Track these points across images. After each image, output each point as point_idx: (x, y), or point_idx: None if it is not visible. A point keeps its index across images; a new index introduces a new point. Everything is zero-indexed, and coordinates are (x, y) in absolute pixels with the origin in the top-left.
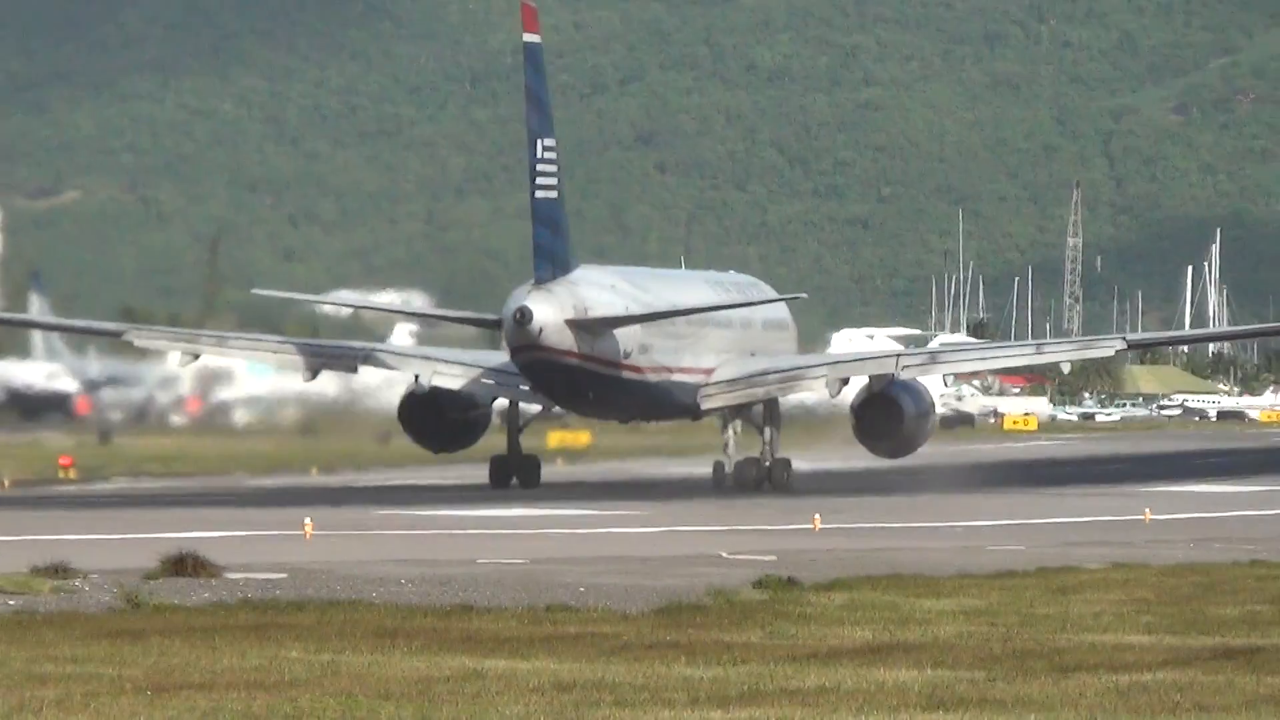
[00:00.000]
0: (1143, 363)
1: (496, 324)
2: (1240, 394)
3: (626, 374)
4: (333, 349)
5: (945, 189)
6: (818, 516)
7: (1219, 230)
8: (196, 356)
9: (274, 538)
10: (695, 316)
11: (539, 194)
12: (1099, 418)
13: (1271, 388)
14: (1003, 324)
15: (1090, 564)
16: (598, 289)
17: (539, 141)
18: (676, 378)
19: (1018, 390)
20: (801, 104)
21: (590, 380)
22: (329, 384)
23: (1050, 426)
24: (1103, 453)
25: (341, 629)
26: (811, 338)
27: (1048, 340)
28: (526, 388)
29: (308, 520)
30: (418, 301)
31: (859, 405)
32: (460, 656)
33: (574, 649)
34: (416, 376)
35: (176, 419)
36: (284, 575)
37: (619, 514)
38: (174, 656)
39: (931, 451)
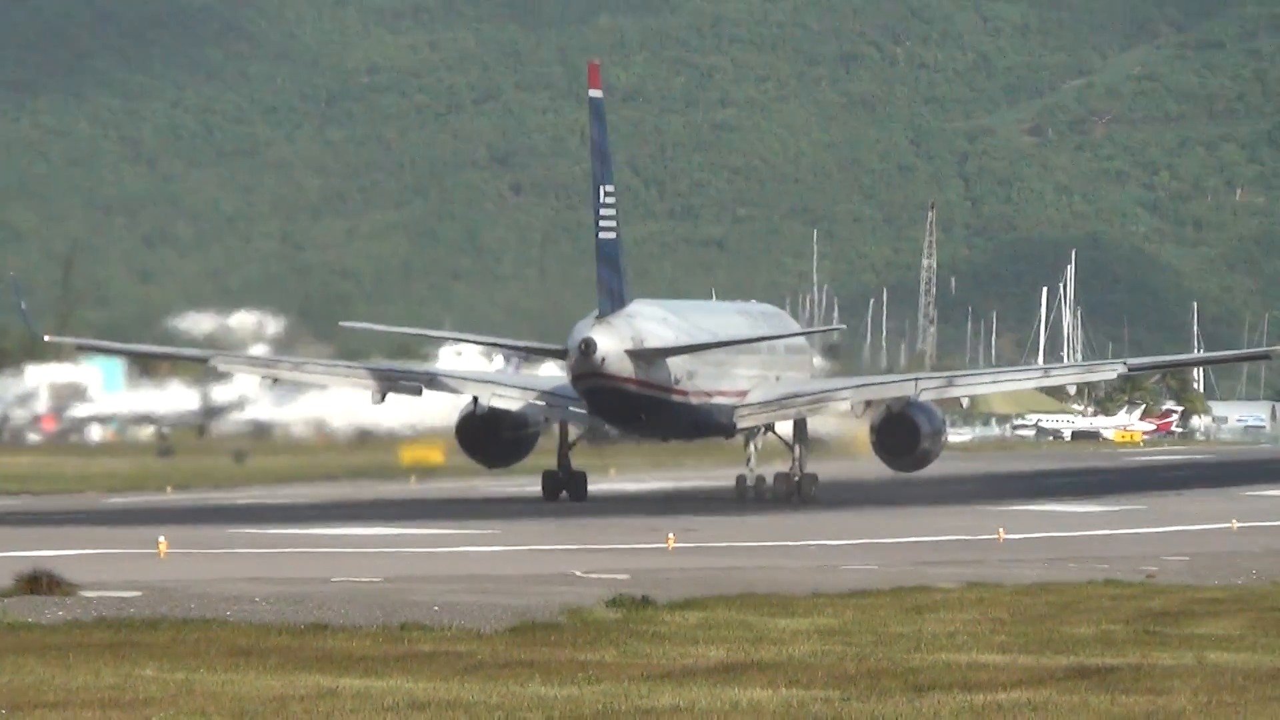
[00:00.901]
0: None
1: (562, 354)
2: (1094, 414)
3: (675, 398)
4: (400, 373)
5: (800, 210)
6: (671, 535)
7: (1074, 252)
8: (276, 380)
9: (129, 556)
10: (720, 338)
11: (602, 235)
12: (952, 438)
13: (1125, 408)
14: (857, 346)
15: (944, 583)
16: (652, 322)
17: (601, 188)
18: (715, 400)
19: None
20: (657, 125)
21: (645, 404)
22: (184, 401)
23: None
24: (956, 472)
25: (196, 647)
26: None
27: (1054, 365)
28: (576, 409)
29: (162, 539)
30: (271, 322)
31: (879, 424)
32: (315, 675)
33: (428, 668)
34: (475, 399)
35: (32, 436)
36: (139, 594)
37: (473, 533)
38: (28, 675)
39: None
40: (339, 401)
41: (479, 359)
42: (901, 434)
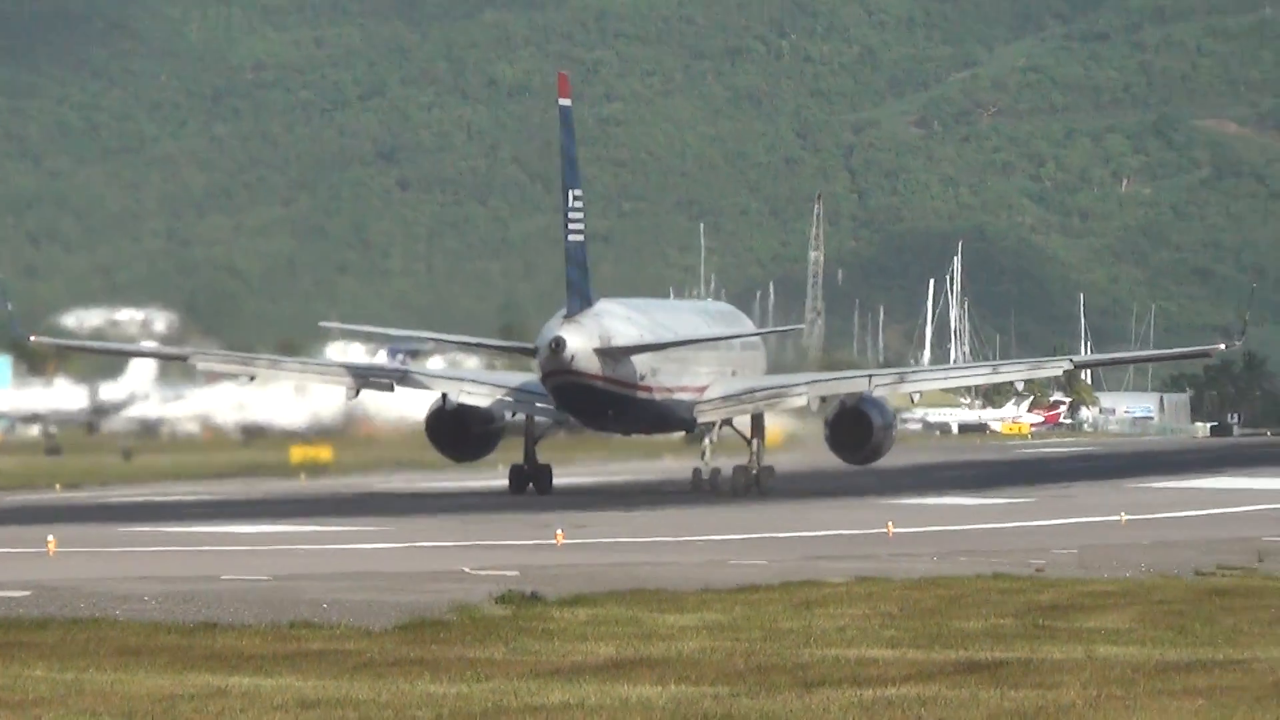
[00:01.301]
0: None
1: (532, 352)
2: (982, 407)
3: (640, 394)
4: (374, 370)
5: (687, 203)
6: (560, 531)
7: (960, 244)
8: (252, 378)
9: (17, 555)
10: (683, 336)
11: (571, 238)
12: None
13: (1014, 400)
14: None
15: (834, 578)
16: (618, 320)
17: (570, 192)
18: (677, 396)
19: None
20: (542, 120)
21: (611, 400)
22: (73, 399)
23: (793, 442)
24: (848, 467)
25: (85, 647)
26: None
27: (1002, 362)
28: (542, 404)
29: (51, 537)
30: (159, 317)
31: (833, 419)
32: (204, 674)
33: (318, 666)
34: (444, 395)
35: None
36: (27, 593)
37: (364, 530)
38: None
39: (674, 466)
40: (226, 398)
41: (363, 353)
42: (855, 428)
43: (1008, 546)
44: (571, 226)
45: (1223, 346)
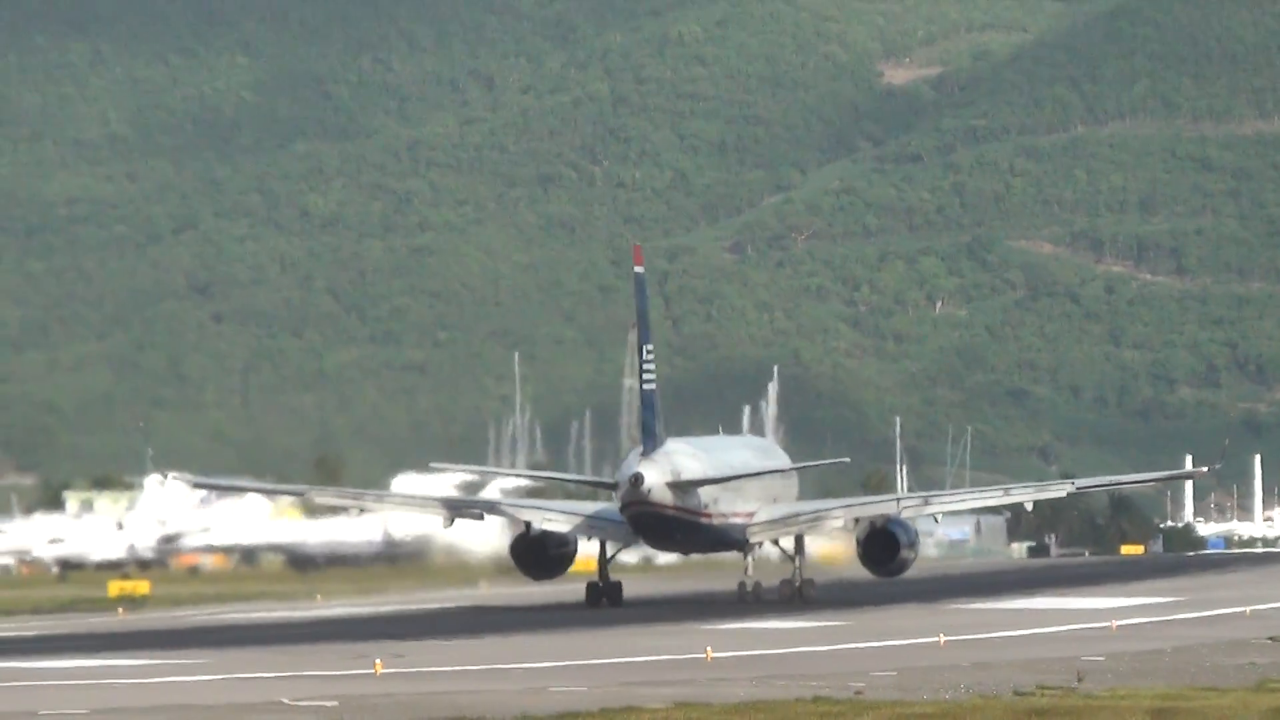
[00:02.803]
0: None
1: (613, 486)
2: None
3: (703, 520)
4: (466, 502)
5: (502, 333)
6: (378, 661)
7: (775, 369)
8: (362, 511)
9: None
10: (736, 470)
11: (645, 386)
12: (660, 560)
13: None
14: (563, 467)
15: (653, 703)
16: (686, 457)
17: (644, 347)
18: (732, 520)
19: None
20: (356, 250)
21: (680, 525)
22: None
23: (614, 567)
24: (662, 593)
25: None
26: (372, 483)
27: (1012, 485)
28: (613, 529)
29: None
30: None
31: (864, 538)
32: None
33: None
34: (528, 524)
35: None
36: None
37: (182, 662)
38: None
39: (493, 594)
40: (42, 533)
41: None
42: (883, 546)
43: (827, 670)
44: (645, 377)
45: (1204, 470)
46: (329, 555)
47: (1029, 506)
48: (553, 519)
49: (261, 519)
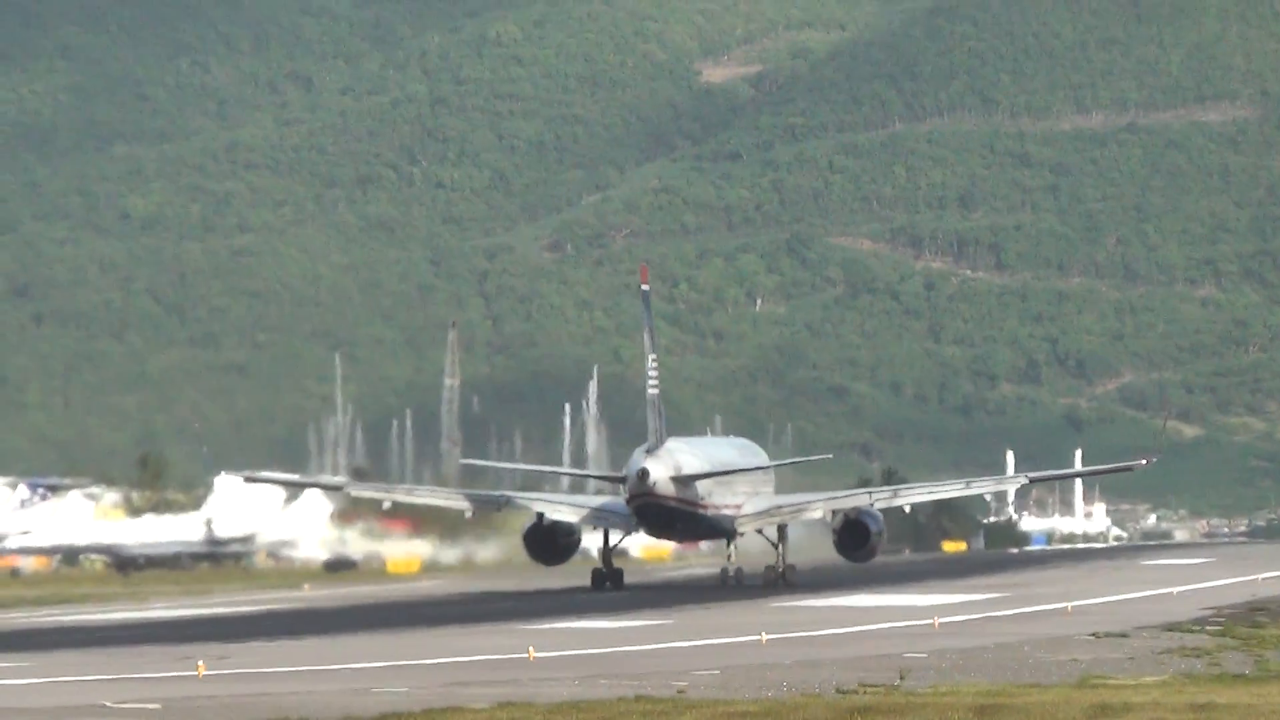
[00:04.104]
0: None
1: (621, 479)
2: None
3: (700, 510)
4: (484, 496)
5: (322, 333)
6: (201, 663)
7: (596, 367)
8: (395, 504)
9: None
10: (727, 466)
11: (650, 391)
12: (481, 557)
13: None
14: (384, 468)
15: (476, 704)
16: (685, 455)
17: (649, 357)
18: (724, 511)
19: (401, 533)
20: (175, 252)
21: (680, 516)
22: None
23: (434, 568)
24: (486, 591)
25: None
26: (192, 484)
27: (973, 479)
28: (617, 519)
29: None
30: None
31: (839, 527)
32: None
33: None
34: (540, 515)
35: None
36: None
37: (4, 665)
38: None
39: (316, 595)
40: None
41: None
42: (856, 534)
43: (649, 668)
44: (650, 383)
45: (1144, 462)
46: (151, 556)
47: (988, 497)
48: (561, 511)
49: (84, 520)
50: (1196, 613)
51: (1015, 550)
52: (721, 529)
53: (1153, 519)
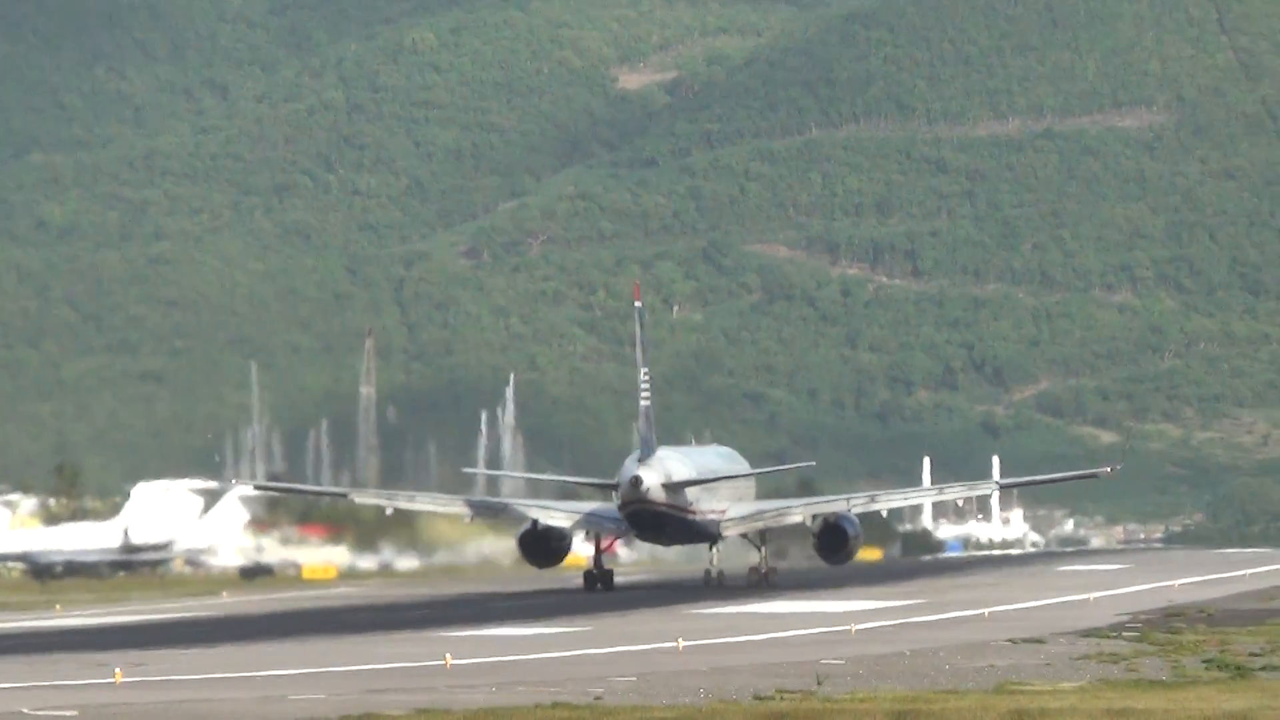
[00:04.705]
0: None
1: (614, 486)
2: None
3: (689, 516)
4: (485, 503)
5: (238, 341)
6: (119, 670)
7: (512, 375)
8: (394, 509)
9: None
10: (713, 473)
11: (643, 403)
12: (399, 566)
13: None
14: (301, 475)
15: (393, 710)
16: (675, 463)
17: (643, 370)
18: (709, 516)
19: (318, 540)
20: (92, 260)
21: (669, 521)
22: None
23: (350, 575)
24: (404, 599)
25: None
26: (109, 492)
27: (946, 485)
28: (608, 524)
29: None
30: None
31: (818, 531)
32: None
33: None
34: (535, 520)
35: None
36: None
37: None
38: None
39: (234, 601)
40: None
41: None
42: (835, 537)
43: (566, 675)
44: (643, 395)
45: (1109, 470)
46: (68, 564)
47: (960, 503)
48: (555, 517)
49: (0, 528)
50: (1113, 619)
51: (930, 557)
52: (708, 533)
53: (1070, 525)
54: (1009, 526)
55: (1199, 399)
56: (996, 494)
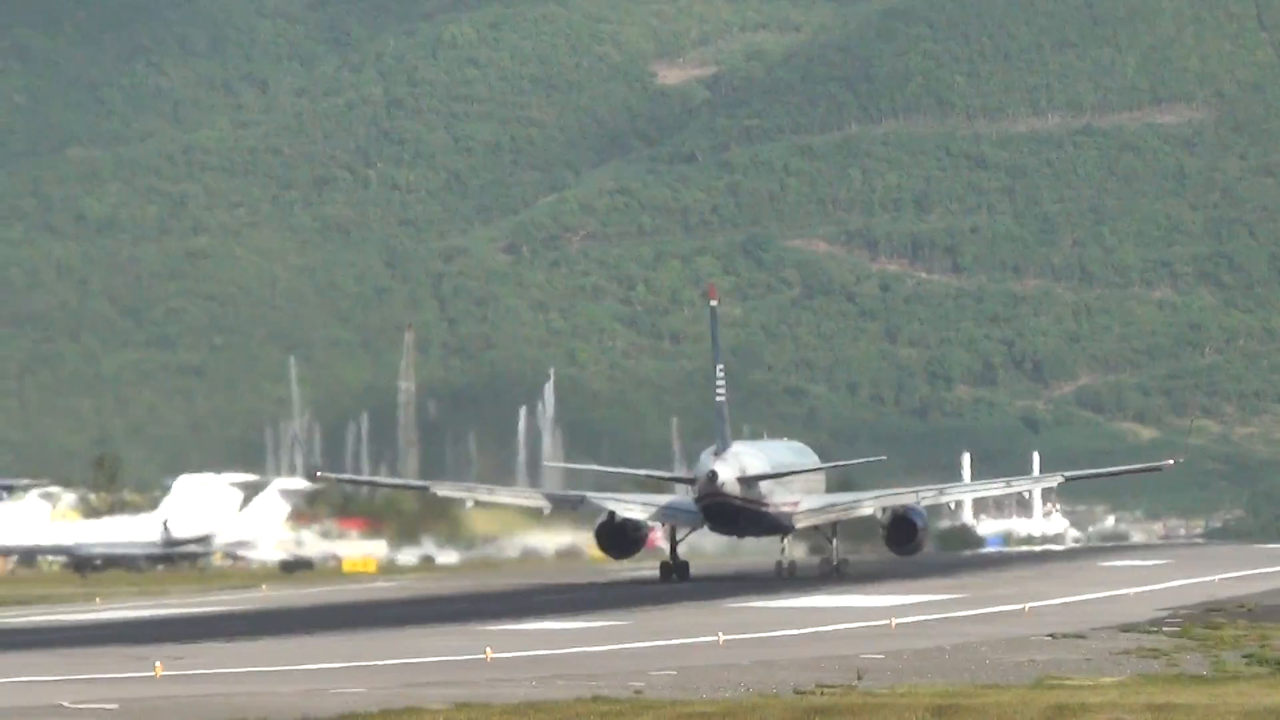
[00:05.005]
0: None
1: (691, 480)
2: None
3: (762, 509)
4: (564, 496)
5: (278, 335)
6: (159, 664)
7: (552, 370)
8: (476, 502)
9: None
10: (785, 467)
11: (719, 399)
12: (439, 559)
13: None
14: (340, 469)
15: (434, 704)
16: (749, 457)
17: (718, 366)
18: (783, 509)
19: (357, 534)
20: (131, 254)
21: (744, 514)
22: None
23: (390, 569)
24: (444, 592)
25: None
26: (148, 485)
27: (1014, 478)
28: (684, 516)
29: None
30: None
31: (888, 523)
32: None
33: None
34: (612, 513)
35: None
36: None
37: None
38: None
39: (274, 595)
40: None
41: None
42: (904, 529)
43: (606, 669)
44: (719, 391)
45: (1171, 462)
46: (109, 557)
47: (1028, 495)
48: (631, 509)
49: (41, 521)
50: (1153, 614)
51: (971, 552)
52: (780, 525)
53: (1110, 520)
54: (1050, 521)
55: (1239, 395)
56: (1038, 490)
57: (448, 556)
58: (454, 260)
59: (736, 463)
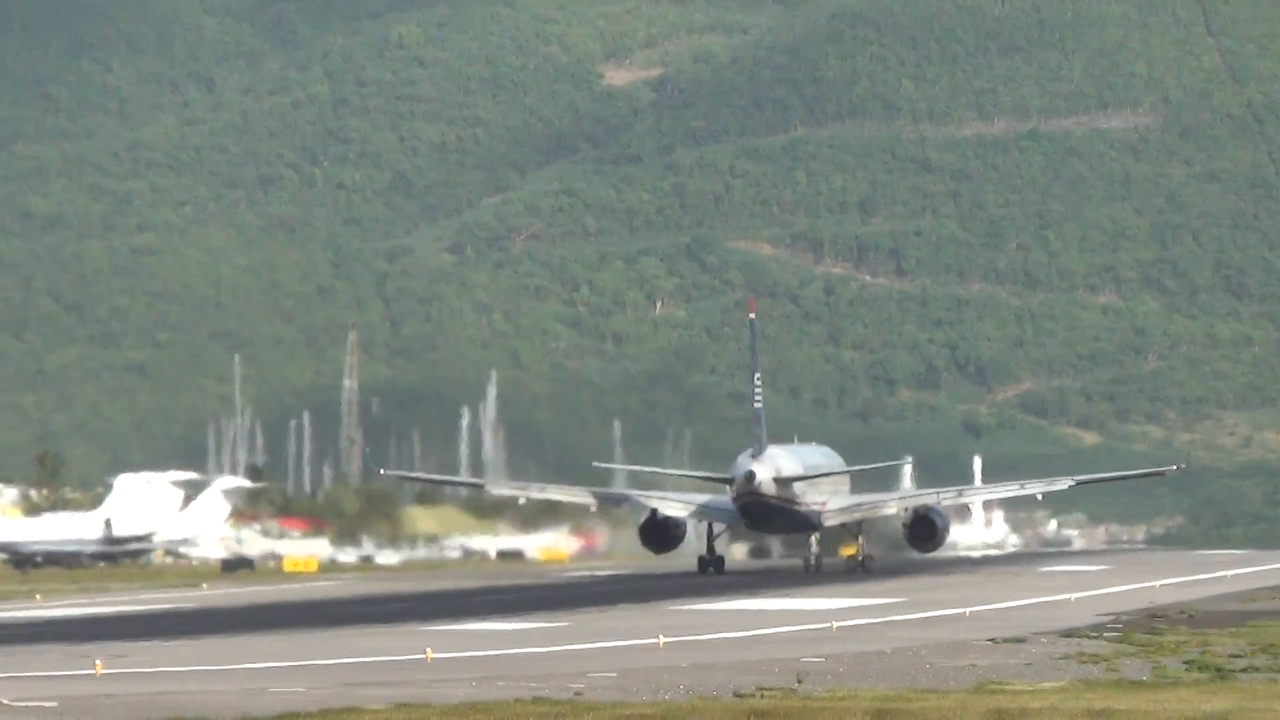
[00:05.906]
0: (421, 504)
1: (729, 480)
2: (518, 533)
3: (795, 507)
4: (610, 494)
5: (222, 333)
6: (99, 662)
7: (494, 371)
8: (527, 499)
9: None
10: (816, 469)
11: (756, 404)
12: (379, 559)
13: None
14: (282, 467)
15: (373, 704)
16: (783, 459)
17: (755, 375)
18: (812, 507)
19: (299, 534)
20: (76, 250)
21: (779, 512)
22: None
23: (331, 568)
24: (383, 592)
25: None
26: (90, 482)
27: (1027, 480)
28: (720, 514)
29: None
30: None
31: (909, 522)
32: None
33: None
34: (654, 510)
35: None
36: None
37: None
38: None
39: (215, 594)
40: None
41: None
42: (925, 528)
43: (546, 670)
44: (756, 397)
45: (1174, 468)
46: (49, 554)
47: (1039, 498)
48: (672, 507)
49: None
50: (1095, 619)
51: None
52: (811, 524)
53: (1052, 526)
54: (990, 529)
55: (1181, 401)
56: (979, 500)
57: (388, 557)
58: (398, 260)
59: (772, 464)
